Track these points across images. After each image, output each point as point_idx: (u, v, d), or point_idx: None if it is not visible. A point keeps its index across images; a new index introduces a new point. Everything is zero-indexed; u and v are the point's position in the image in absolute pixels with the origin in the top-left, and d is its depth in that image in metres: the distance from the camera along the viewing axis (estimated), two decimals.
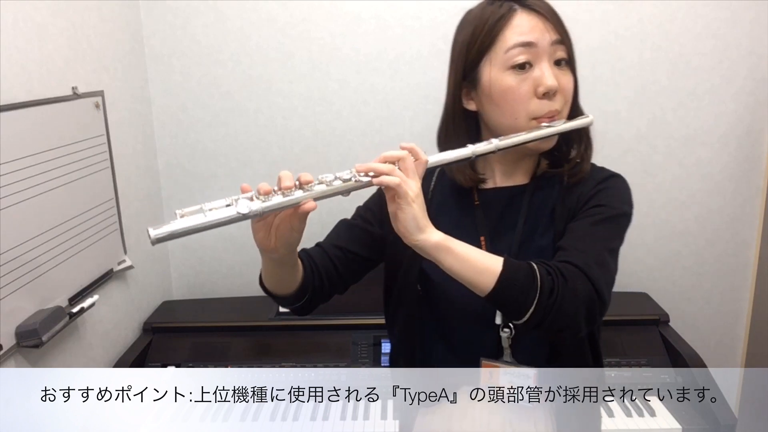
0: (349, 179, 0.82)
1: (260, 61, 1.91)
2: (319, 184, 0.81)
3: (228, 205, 0.77)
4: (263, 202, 0.77)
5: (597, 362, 1.01)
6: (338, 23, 1.88)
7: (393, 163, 0.83)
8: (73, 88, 1.48)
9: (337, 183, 0.81)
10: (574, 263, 0.84)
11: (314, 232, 1.02)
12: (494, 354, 0.98)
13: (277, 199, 0.78)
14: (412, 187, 0.81)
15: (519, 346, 0.96)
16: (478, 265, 0.83)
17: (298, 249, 0.93)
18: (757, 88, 1.89)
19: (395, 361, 1.09)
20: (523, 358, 0.97)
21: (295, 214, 0.81)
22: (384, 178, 0.81)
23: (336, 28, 1.88)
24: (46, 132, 1.37)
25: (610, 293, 0.86)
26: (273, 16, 1.87)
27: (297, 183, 0.80)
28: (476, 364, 0.98)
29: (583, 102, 1.00)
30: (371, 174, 0.82)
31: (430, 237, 0.82)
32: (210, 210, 0.76)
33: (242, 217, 0.76)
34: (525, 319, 0.82)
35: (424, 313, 1.02)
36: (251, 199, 0.78)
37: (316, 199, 0.80)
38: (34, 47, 1.36)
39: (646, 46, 1.87)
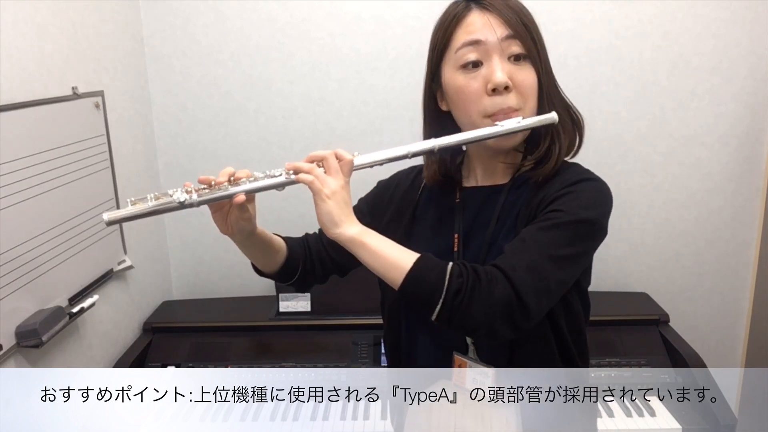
0: (280, 175, 0.90)
1: (260, 61, 1.91)
2: (254, 180, 0.91)
3: (171, 196, 0.89)
4: (199, 195, 0.90)
5: (568, 364, 0.97)
6: (338, 23, 1.88)
7: (320, 162, 0.89)
8: (73, 88, 1.49)
9: (266, 180, 0.91)
10: (498, 266, 0.83)
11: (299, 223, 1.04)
12: (463, 349, 0.99)
13: (215, 193, 0.90)
14: (329, 185, 0.87)
15: (480, 343, 0.98)
16: (390, 260, 0.85)
17: (290, 237, 1.10)
18: (757, 88, 1.89)
19: (385, 348, 1.13)
20: (485, 356, 0.97)
21: (236, 206, 0.92)
22: (300, 176, 0.88)
23: (336, 28, 1.88)
24: (46, 132, 1.37)
25: (538, 300, 0.83)
26: (273, 16, 1.87)
27: (232, 179, 0.91)
28: (451, 356, 1.00)
29: (583, 102, 0.98)
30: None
31: (345, 231, 0.87)
32: (156, 199, 0.89)
33: (180, 206, 0.89)
34: (434, 316, 0.83)
35: (408, 303, 1.04)
36: (191, 192, 0.90)
37: (248, 192, 0.91)
38: (34, 47, 1.36)
39: (646, 46, 1.87)
